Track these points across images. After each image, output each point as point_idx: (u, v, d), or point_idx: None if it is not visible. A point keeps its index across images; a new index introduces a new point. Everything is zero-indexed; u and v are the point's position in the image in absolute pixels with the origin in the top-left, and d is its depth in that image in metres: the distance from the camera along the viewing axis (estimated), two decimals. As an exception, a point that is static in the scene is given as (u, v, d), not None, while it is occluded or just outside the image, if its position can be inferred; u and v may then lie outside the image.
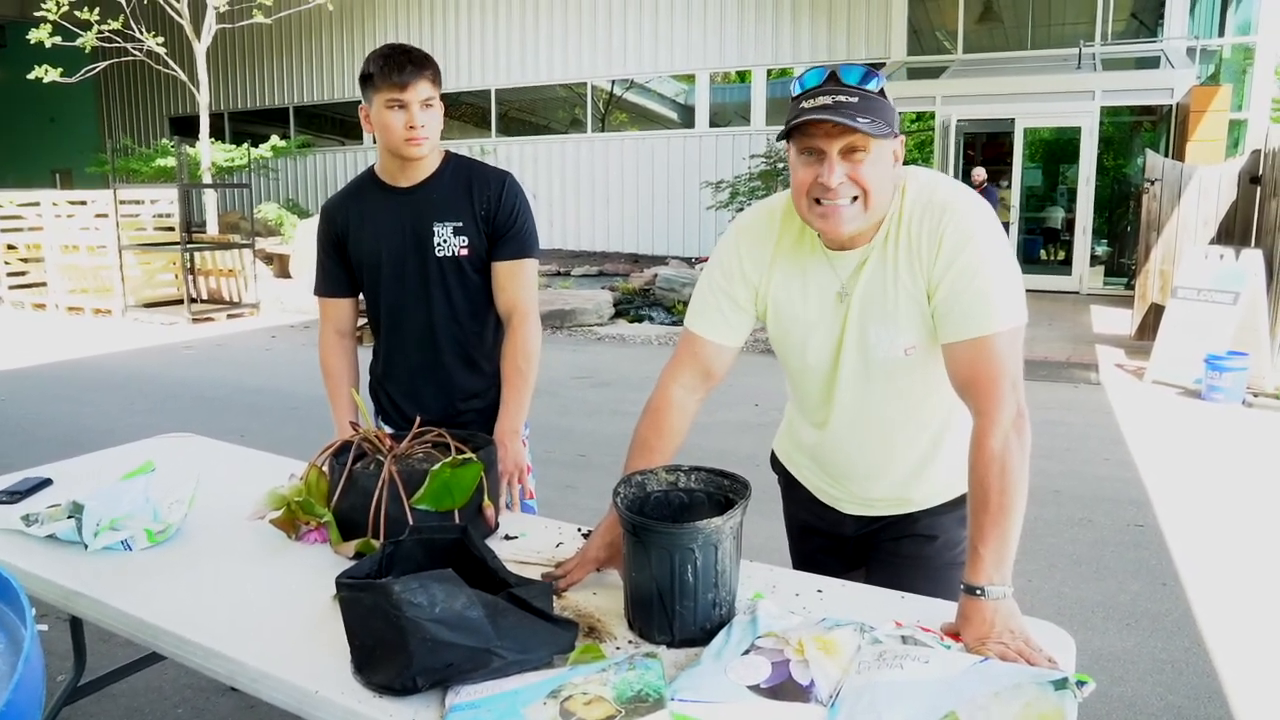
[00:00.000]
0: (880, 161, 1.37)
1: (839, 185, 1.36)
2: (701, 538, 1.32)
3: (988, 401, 1.36)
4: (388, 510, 1.68)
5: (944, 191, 1.44)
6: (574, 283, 12.82)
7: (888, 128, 1.34)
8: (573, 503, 4.29)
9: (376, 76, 1.94)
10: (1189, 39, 12.06)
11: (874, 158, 1.36)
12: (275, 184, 19.14)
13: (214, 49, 14.16)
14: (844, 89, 1.35)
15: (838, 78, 1.36)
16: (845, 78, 1.36)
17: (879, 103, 1.35)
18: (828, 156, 1.36)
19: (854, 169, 1.36)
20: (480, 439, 1.90)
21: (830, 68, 1.37)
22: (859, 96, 1.34)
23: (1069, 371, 7.36)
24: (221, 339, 9.55)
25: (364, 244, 2.11)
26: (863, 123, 1.31)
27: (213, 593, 1.58)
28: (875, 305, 1.48)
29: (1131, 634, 3.06)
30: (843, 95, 1.34)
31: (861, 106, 1.33)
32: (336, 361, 2.21)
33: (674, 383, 1.63)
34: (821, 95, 1.35)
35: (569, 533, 1.84)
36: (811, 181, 1.38)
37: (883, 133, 1.33)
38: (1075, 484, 4.60)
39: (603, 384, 7.21)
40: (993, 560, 1.30)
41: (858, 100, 1.33)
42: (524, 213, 2.13)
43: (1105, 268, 12.77)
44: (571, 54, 16.33)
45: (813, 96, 1.35)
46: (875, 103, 1.35)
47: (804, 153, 1.39)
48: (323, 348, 2.23)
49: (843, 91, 1.34)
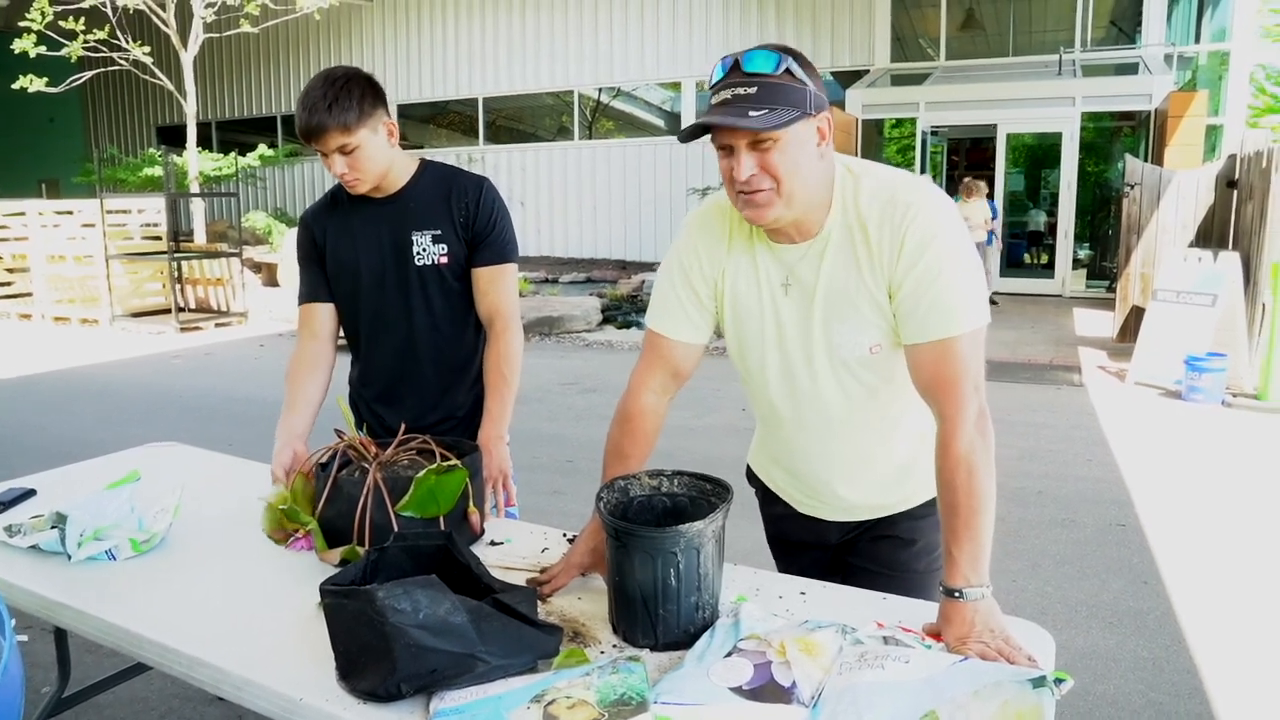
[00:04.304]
0: (792, 147, 1.34)
1: (750, 177, 1.36)
2: (684, 541, 1.33)
3: (951, 404, 1.37)
4: (373, 517, 1.69)
5: (905, 190, 1.42)
6: (562, 289, 12.83)
7: (792, 112, 1.31)
8: (560, 508, 4.30)
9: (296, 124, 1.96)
10: (1166, 46, 12.19)
11: (783, 145, 1.34)
12: (263, 193, 19.08)
13: (201, 58, 14.10)
14: (744, 79, 1.33)
15: (739, 67, 1.35)
16: (747, 66, 1.34)
17: (780, 88, 1.32)
18: (736, 150, 1.36)
19: (764, 159, 1.35)
20: (465, 445, 1.91)
21: (736, 56, 1.36)
22: (758, 85, 1.31)
23: (1052, 374, 7.41)
24: (209, 348, 9.52)
25: (342, 254, 2.11)
26: (754, 117, 1.30)
27: (197, 601, 1.58)
28: (837, 302, 1.48)
29: (1114, 632, 3.09)
30: (741, 87, 1.32)
31: (760, 96, 1.31)
32: (305, 369, 2.13)
33: (644, 388, 1.62)
34: (724, 89, 1.34)
35: (554, 538, 1.85)
36: (730, 176, 1.39)
37: (777, 122, 1.30)
38: (1058, 485, 4.64)
39: (590, 390, 7.23)
40: (968, 561, 1.32)
41: (755, 90, 1.31)
42: (502, 218, 2.14)
43: (1087, 271, 12.89)
44: (559, 62, 16.37)
45: (717, 91, 1.36)
46: (776, 89, 1.32)
47: (720, 149, 1.39)
48: (296, 354, 2.15)
49: (742, 83, 1.33)
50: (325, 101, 1.90)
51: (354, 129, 1.92)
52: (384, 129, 2.00)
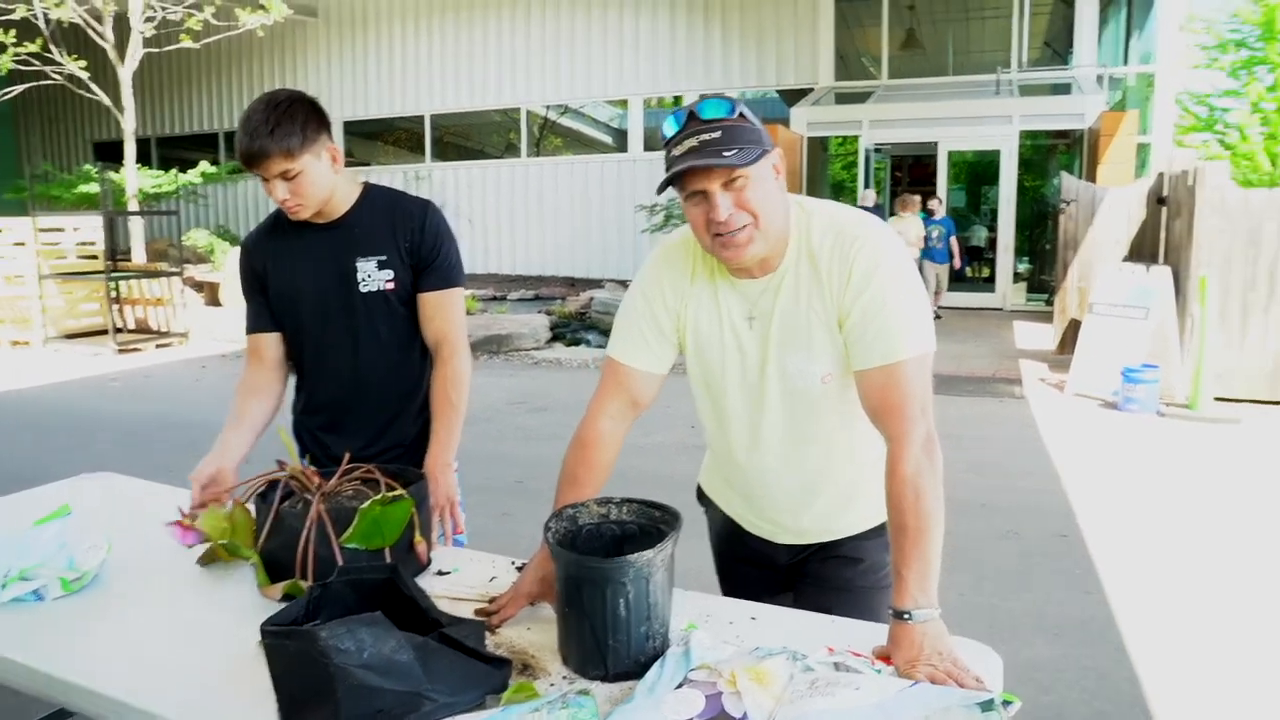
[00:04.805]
0: (761, 182, 1.41)
1: (729, 217, 1.40)
2: (633, 571, 1.32)
3: (898, 427, 1.41)
4: (316, 550, 1.65)
5: (853, 225, 1.49)
6: (510, 307, 12.75)
7: (756, 149, 1.37)
8: (510, 530, 4.25)
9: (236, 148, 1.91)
10: (1098, 67, 12.59)
11: (755, 181, 1.40)
12: (206, 210, 18.66)
13: (141, 73, 13.81)
14: (705, 125, 1.38)
15: (697, 116, 1.40)
16: (704, 114, 1.39)
17: (741, 129, 1.38)
18: (711, 194, 1.40)
19: (739, 197, 1.40)
20: (411, 474, 1.87)
21: (688, 108, 1.41)
22: (720, 130, 1.37)
23: (994, 386, 7.57)
24: (149, 370, 9.27)
25: (285, 282, 2.07)
26: (729, 156, 1.35)
27: (131, 642, 1.52)
28: (790, 335, 1.52)
29: (1058, 643, 3.14)
30: (705, 133, 1.37)
31: (726, 139, 1.37)
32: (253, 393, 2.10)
33: (602, 414, 1.63)
34: (687, 138, 1.39)
35: (502, 566, 1.82)
36: (704, 219, 1.43)
37: (750, 159, 1.36)
38: (1002, 497, 4.72)
39: (539, 409, 7.19)
40: (916, 583, 1.33)
41: (720, 134, 1.37)
42: (448, 242, 2.11)
43: (1027, 285, 13.19)
44: (506, 80, 16.34)
45: (679, 142, 1.39)
46: (737, 130, 1.38)
47: (689, 197, 1.43)
48: (245, 379, 2.12)
49: (704, 129, 1.38)
50: (267, 126, 1.86)
51: (297, 154, 1.89)
52: (327, 154, 1.97)
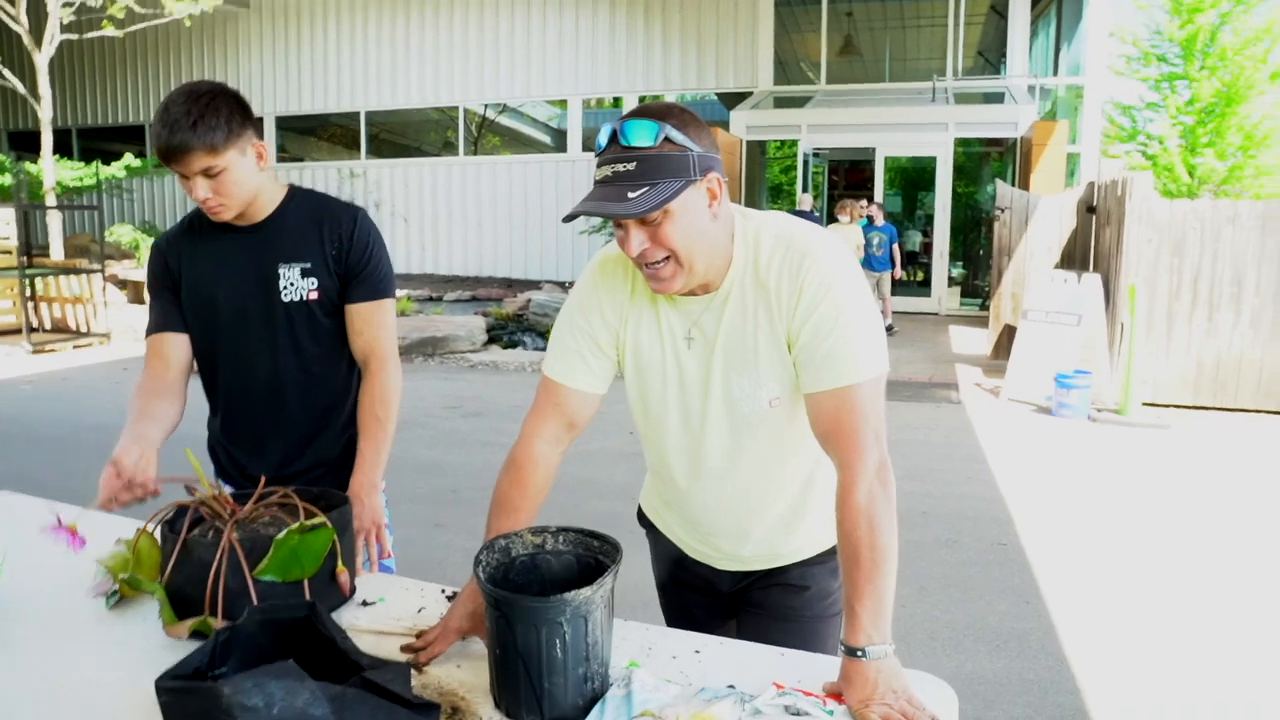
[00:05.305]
0: (683, 217, 1.30)
1: (643, 251, 1.32)
2: (570, 610, 1.23)
3: (850, 453, 1.34)
4: (227, 584, 1.52)
5: (802, 240, 1.40)
6: (446, 308, 12.55)
7: (674, 184, 1.26)
8: (443, 542, 4.13)
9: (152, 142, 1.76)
10: (1029, 77, 12.88)
11: (674, 217, 1.30)
12: (130, 205, 18.04)
13: (60, 61, 13.26)
14: (623, 154, 1.28)
15: (618, 141, 1.30)
16: (624, 139, 1.29)
17: (661, 159, 1.27)
18: (625, 226, 1.31)
19: (654, 233, 1.31)
20: (335, 497, 1.75)
21: (615, 126, 1.31)
22: (636, 160, 1.27)
23: (931, 391, 7.65)
24: (66, 372, 8.87)
25: (199, 287, 1.92)
26: (633, 199, 1.25)
27: (16, 687, 1.38)
28: (736, 355, 1.44)
29: (1000, 655, 3.14)
30: (620, 164, 1.28)
31: (639, 172, 1.27)
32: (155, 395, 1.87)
33: (537, 436, 1.54)
34: (604, 165, 1.30)
35: (431, 595, 1.72)
36: (625, 247, 1.34)
37: (656, 201, 1.25)
38: (941, 504, 4.74)
39: (474, 414, 7.04)
40: (870, 619, 1.27)
41: (634, 165, 1.27)
42: (378, 250, 2.00)
43: (961, 289, 13.44)
44: (443, 77, 16.09)
45: (599, 165, 1.31)
46: (655, 161, 1.27)
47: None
48: (143, 382, 1.89)
49: (621, 159, 1.28)
50: (189, 119, 1.71)
51: (221, 150, 1.74)
52: (253, 151, 1.83)
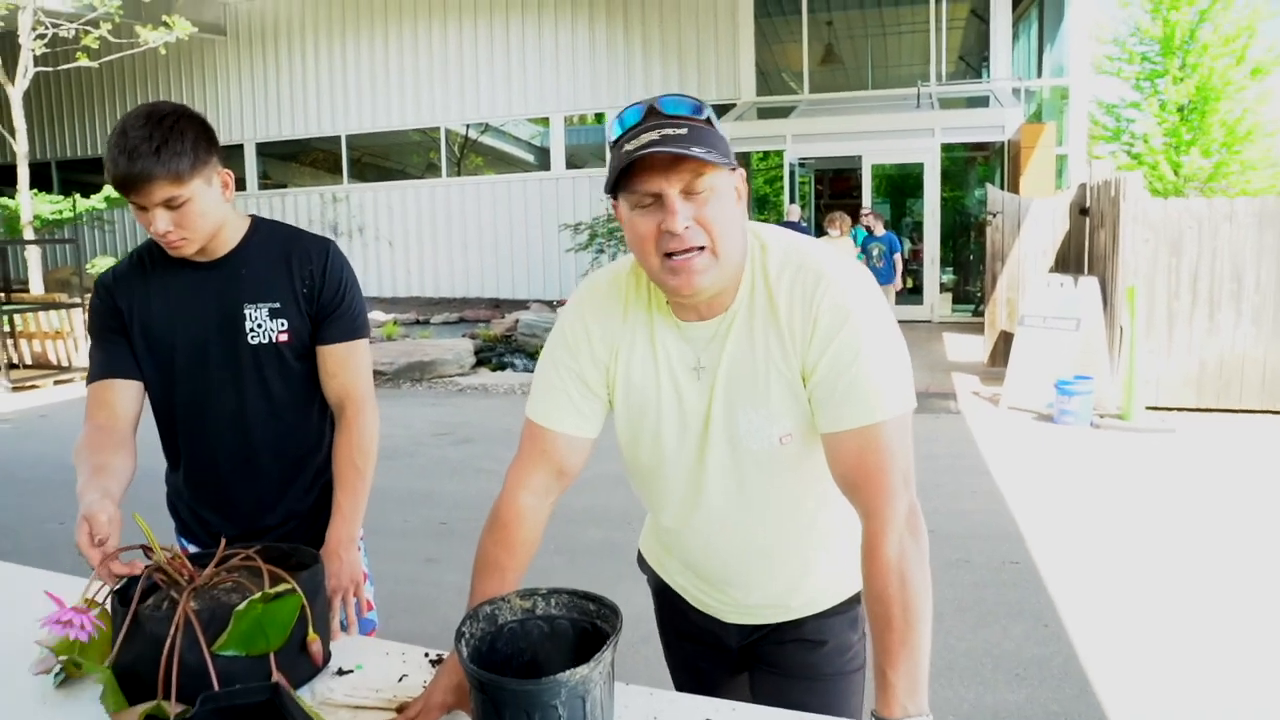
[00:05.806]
0: (725, 199, 1.18)
1: (686, 230, 1.15)
2: (565, 691, 1.08)
3: (876, 500, 1.18)
4: (183, 661, 1.36)
5: (813, 256, 1.25)
6: (434, 331, 12.39)
7: (724, 158, 1.16)
8: (434, 579, 3.95)
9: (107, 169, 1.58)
10: (1014, 80, 12.83)
11: (718, 195, 1.16)
12: (112, 237, 17.83)
13: (36, 93, 13.10)
14: (669, 120, 1.16)
15: (658, 111, 1.17)
16: (666, 109, 1.17)
17: (710, 132, 1.17)
18: (667, 198, 1.15)
19: (698, 210, 1.15)
20: (306, 554, 1.59)
21: (647, 103, 1.18)
22: (687, 127, 1.15)
23: (929, 401, 7.51)
24: (46, 409, 8.65)
25: (154, 329, 1.75)
26: (699, 151, 1.12)
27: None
28: (743, 386, 1.27)
29: (1022, 685, 2.98)
30: (670, 128, 1.14)
31: (693, 137, 1.13)
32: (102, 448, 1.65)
33: (522, 488, 1.37)
34: (645, 132, 1.15)
35: (414, 659, 1.56)
36: (655, 232, 1.16)
37: (722, 161, 1.14)
38: (949, 521, 4.59)
39: (465, 440, 6.87)
40: (905, 688, 1.12)
41: (686, 131, 1.14)
42: (352, 287, 1.84)
43: (953, 295, 13.35)
44: (424, 98, 15.99)
45: (635, 135, 1.15)
46: (706, 132, 1.16)
47: (640, 203, 1.18)
48: (86, 437, 1.68)
49: (668, 124, 1.15)
50: (151, 144, 1.55)
51: (186, 179, 1.58)
52: (218, 179, 1.67)
